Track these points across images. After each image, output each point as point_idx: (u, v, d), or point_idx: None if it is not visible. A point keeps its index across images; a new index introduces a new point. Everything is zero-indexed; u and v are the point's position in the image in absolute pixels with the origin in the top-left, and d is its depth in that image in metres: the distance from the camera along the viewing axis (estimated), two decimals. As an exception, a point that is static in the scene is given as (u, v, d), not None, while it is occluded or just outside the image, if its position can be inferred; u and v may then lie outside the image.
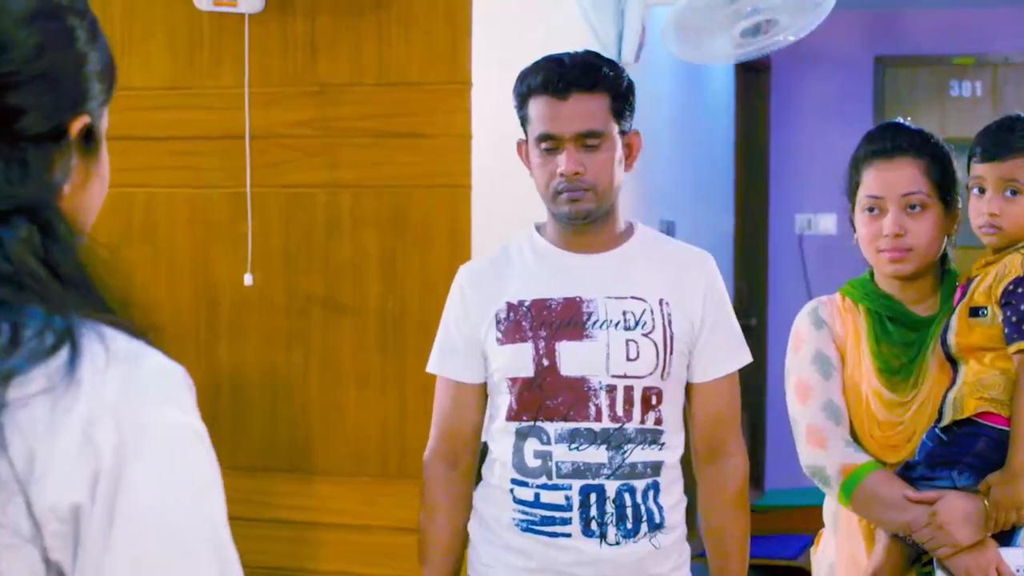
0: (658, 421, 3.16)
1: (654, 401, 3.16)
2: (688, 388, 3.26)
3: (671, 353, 3.16)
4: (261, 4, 4.17)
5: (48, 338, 1.30)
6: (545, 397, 3.15)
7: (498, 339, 3.20)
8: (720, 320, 3.24)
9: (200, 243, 4.35)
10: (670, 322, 3.17)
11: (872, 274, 3.30)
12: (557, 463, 3.14)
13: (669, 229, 6.35)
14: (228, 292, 4.31)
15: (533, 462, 3.16)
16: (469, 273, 3.33)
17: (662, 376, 3.16)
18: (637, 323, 3.16)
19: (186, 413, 1.37)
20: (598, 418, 3.13)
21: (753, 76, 8.76)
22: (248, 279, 4.23)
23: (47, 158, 1.40)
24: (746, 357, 3.31)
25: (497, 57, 4.22)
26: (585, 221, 3.18)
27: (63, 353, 1.30)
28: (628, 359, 3.14)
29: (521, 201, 3.83)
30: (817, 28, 5.18)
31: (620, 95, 3.17)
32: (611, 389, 3.13)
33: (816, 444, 3.19)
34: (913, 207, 3.15)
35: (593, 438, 3.13)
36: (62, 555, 1.28)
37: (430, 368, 3.34)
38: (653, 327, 3.16)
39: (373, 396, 4.20)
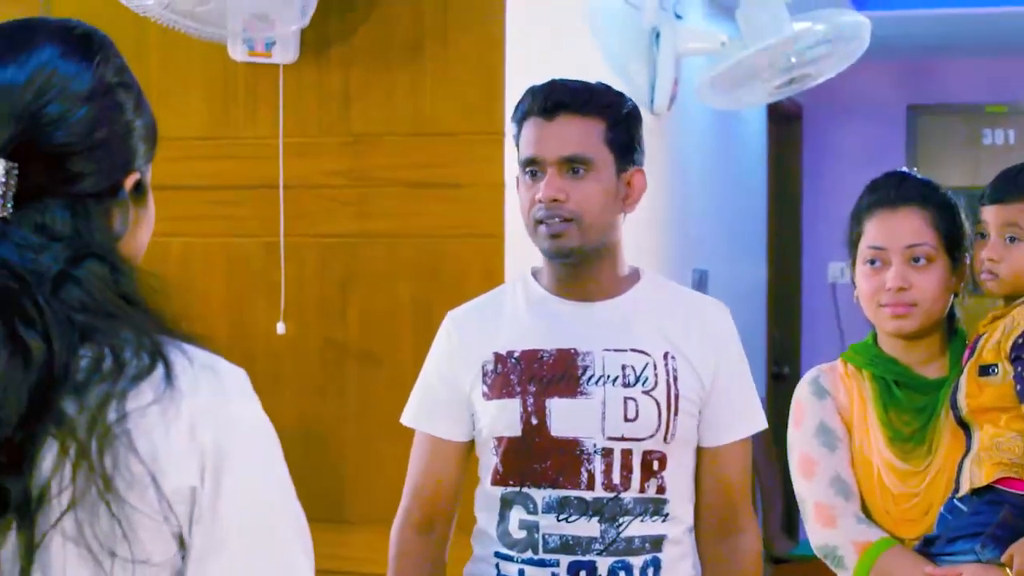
0: (661, 489, 2.82)
1: (656, 467, 2.82)
2: (697, 453, 2.94)
3: (676, 413, 2.82)
4: (295, 55, 4.20)
5: (144, 358, 1.60)
6: (533, 460, 2.82)
7: (484, 393, 2.88)
8: (734, 379, 2.93)
9: (235, 292, 4.36)
10: (675, 378, 2.83)
11: (875, 337, 3.09)
12: (544, 536, 2.80)
13: (702, 278, 6.35)
14: (262, 341, 4.32)
15: (518, 533, 2.84)
16: (456, 319, 3.02)
17: (665, 438, 2.82)
18: (638, 379, 2.82)
19: (258, 405, 1.71)
20: (590, 486, 2.79)
21: (786, 125, 8.76)
22: (281, 328, 4.24)
23: (107, 210, 1.68)
24: (760, 423, 2.98)
25: (531, 107, 4.23)
26: (569, 260, 2.83)
27: (159, 368, 1.61)
28: (626, 419, 2.80)
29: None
30: (850, 77, 5.20)
31: (618, 123, 2.85)
32: (607, 453, 2.79)
33: (826, 523, 2.98)
34: (917, 260, 2.97)
35: (584, 508, 2.79)
36: (185, 529, 1.61)
37: (405, 420, 3.04)
38: (656, 384, 2.82)
39: (407, 446, 4.19)
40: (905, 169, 3.17)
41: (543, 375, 2.83)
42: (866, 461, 3.00)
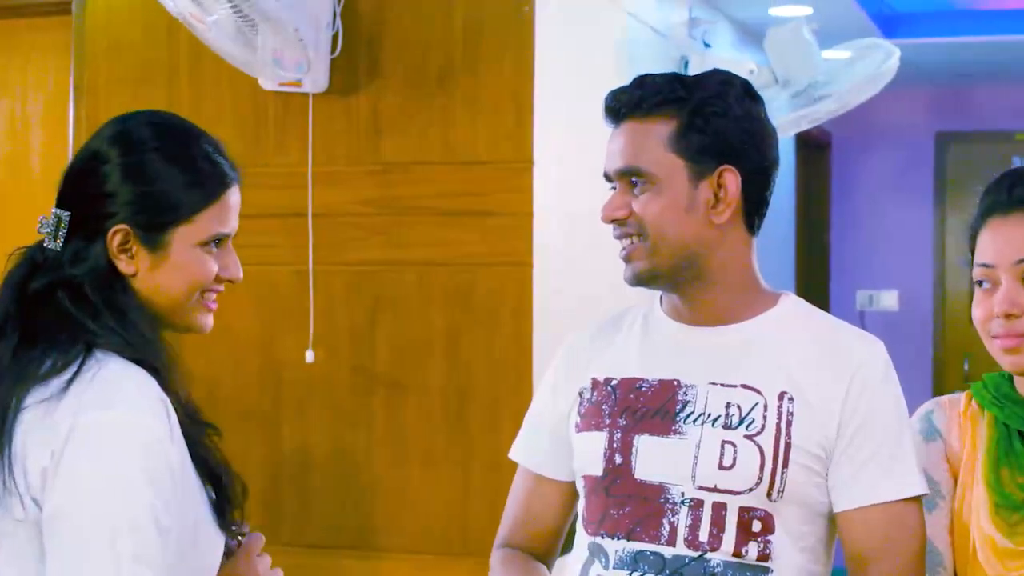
0: (764, 557, 2.31)
1: (757, 528, 2.31)
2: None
3: (785, 465, 2.31)
4: (325, 84, 4.22)
5: (59, 362, 2.03)
6: (611, 505, 2.38)
7: (576, 424, 2.48)
8: (877, 430, 2.34)
9: (265, 321, 4.37)
10: (789, 423, 2.32)
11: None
12: None
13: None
14: (292, 370, 4.32)
15: None
16: (570, 340, 2.61)
17: (769, 494, 2.31)
18: (742, 421, 2.34)
19: (125, 414, 2.00)
20: (671, 541, 2.32)
21: (815, 152, 8.75)
22: (310, 356, 4.25)
23: (91, 251, 2.12)
24: (912, 487, 2.35)
25: (559, 136, 4.25)
26: (653, 286, 2.45)
27: (68, 373, 2.02)
28: (721, 467, 2.32)
29: (583, 279, 3.84)
30: (878, 104, 5.20)
31: (693, 121, 2.37)
32: (696, 504, 2.32)
33: None
34: None
35: (660, 567, 2.33)
36: (40, 499, 1.99)
37: (511, 453, 2.64)
38: (763, 428, 2.32)
39: (438, 474, 4.20)
40: None
41: (638, 408, 2.40)
42: (963, 528, 2.42)
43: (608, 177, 2.44)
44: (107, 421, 1.99)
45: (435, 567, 4.18)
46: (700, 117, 2.37)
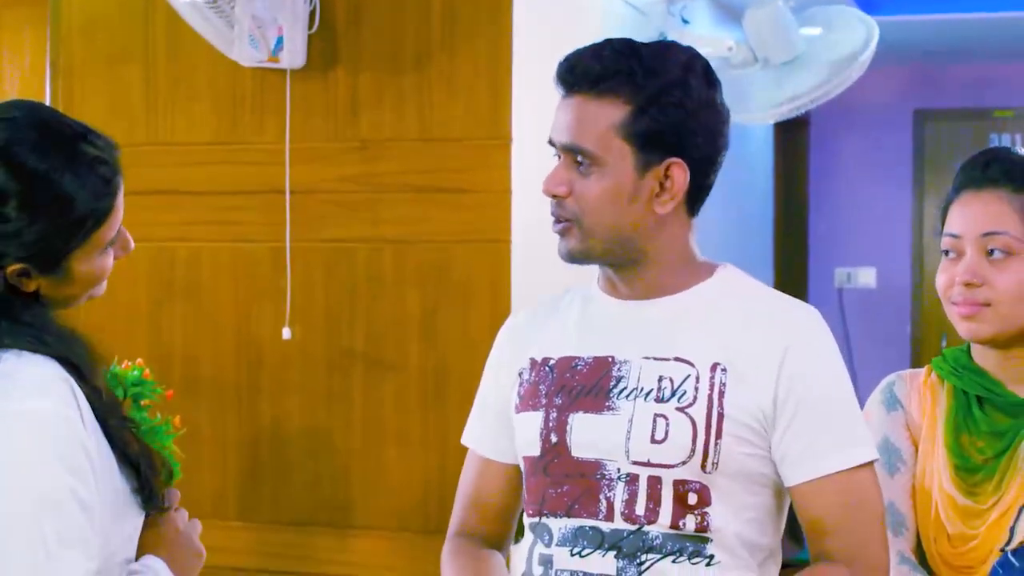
0: (702, 528, 2.27)
1: (693, 500, 2.27)
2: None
3: (718, 437, 2.26)
4: (303, 61, 4.21)
5: None
6: (549, 484, 2.36)
7: (516, 405, 2.45)
8: (820, 402, 2.29)
9: (242, 298, 4.37)
10: (721, 394, 2.27)
11: (971, 345, 2.56)
12: (557, 572, 2.33)
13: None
14: (269, 347, 4.32)
15: (537, 570, 2.37)
16: (510, 322, 2.60)
17: (704, 467, 2.26)
18: (674, 393, 2.29)
19: (26, 400, 1.98)
20: (608, 516, 2.29)
21: (792, 130, 8.75)
22: (287, 333, 4.25)
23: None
24: (860, 455, 2.31)
25: (537, 114, 4.24)
26: (583, 263, 2.38)
27: None
28: (653, 440, 2.27)
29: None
30: (856, 82, 5.19)
31: (647, 107, 2.28)
32: (631, 479, 2.29)
33: None
34: (992, 252, 2.45)
35: (600, 541, 2.30)
36: None
37: (462, 438, 2.62)
38: (694, 400, 2.27)
39: (414, 452, 4.20)
40: (1008, 147, 2.62)
41: (574, 386, 2.36)
42: (925, 491, 2.52)
43: (552, 144, 2.36)
44: (7, 412, 1.97)
45: (411, 544, 4.18)
46: (655, 107, 2.27)
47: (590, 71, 2.29)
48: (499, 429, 2.49)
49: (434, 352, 4.19)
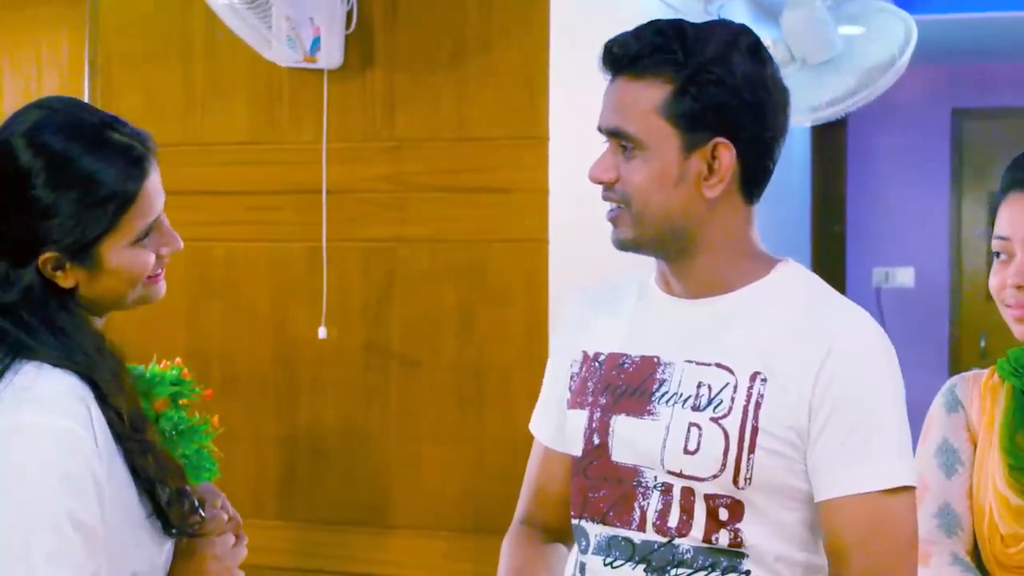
0: (736, 543, 2.16)
1: (724, 516, 2.16)
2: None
3: (751, 451, 2.14)
4: (340, 60, 4.21)
5: None
6: (589, 487, 2.28)
7: (567, 400, 2.37)
8: (847, 412, 2.13)
9: (278, 297, 4.38)
10: (758, 406, 2.15)
11: None
12: None
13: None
14: (305, 346, 4.33)
15: None
16: (570, 305, 2.50)
17: (736, 482, 2.15)
18: (710, 402, 2.17)
19: (36, 415, 1.98)
20: (641, 526, 2.21)
21: (830, 130, 8.72)
22: (322, 332, 4.25)
23: (24, 275, 2.08)
24: (893, 478, 2.12)
25: (574, 112, 4.23)
26: (636, 252, 2.28)
27: None
28: (686, 451, 2.17)
29: (599, 255, 3.81)
30: (894, 82, 5.16)
31: (688, 86, 2.17)
32: (666, 489, 2.20)
33: (921, 560, 2.32)
34: None
35: (631, 553, 2.22)
36: None
37: (530, 423, 2.53)
38: (730, 411, 2.16)
39: (451, 450, 4.20)
40: None
41: (618, 384, 2.27)
42: (980, 491, 2.47)
43: (600, 130, 2.26)
44: (15, 425, 1.98)
45: (447, 544, 4.18)
46: (695, 85, 2.16)
47: (630, 50, 2.20)
48: (558, 418, 2.39)
49: (470, 351, 4.18)
